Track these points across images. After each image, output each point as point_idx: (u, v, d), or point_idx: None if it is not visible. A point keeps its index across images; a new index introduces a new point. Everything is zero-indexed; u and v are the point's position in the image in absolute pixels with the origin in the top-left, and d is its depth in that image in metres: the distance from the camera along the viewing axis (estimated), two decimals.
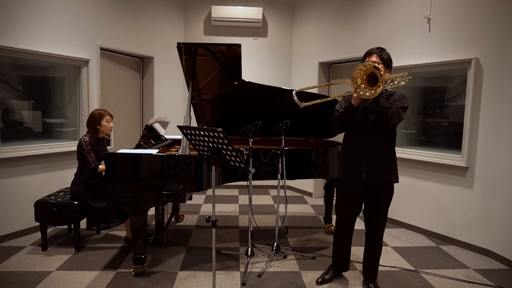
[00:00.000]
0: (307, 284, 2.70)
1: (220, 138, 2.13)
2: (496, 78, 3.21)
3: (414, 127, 4.16)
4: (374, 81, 2.13)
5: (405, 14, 3.94)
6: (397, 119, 2.25)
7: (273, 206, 4.89)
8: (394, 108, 2.24)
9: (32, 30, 3.53)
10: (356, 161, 2.40)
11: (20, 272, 2.82)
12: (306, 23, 5.41)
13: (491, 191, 3.27)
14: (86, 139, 3.15)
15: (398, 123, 2.29)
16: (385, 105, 2.23)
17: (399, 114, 2.25)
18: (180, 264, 3.01)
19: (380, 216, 2.47)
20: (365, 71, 2.13)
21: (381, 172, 2.37)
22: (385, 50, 2.39)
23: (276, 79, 5.63)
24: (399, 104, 2.29)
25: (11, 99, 3.65)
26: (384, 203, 2.45)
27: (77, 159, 3.21)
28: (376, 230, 2.50)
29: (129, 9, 4.71)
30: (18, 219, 3.54)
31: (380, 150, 2.37)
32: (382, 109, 2.24)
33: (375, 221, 2.48)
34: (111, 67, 4.71)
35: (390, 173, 2.39)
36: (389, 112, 2.22)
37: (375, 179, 2.37)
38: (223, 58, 3.02)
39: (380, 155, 2.37)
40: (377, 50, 2.37)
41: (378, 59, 2.34)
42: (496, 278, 2.87)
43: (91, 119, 3.22)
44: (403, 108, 2.29)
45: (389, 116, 2.23)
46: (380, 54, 2.35)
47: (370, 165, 2.36)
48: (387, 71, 2.38)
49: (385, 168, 2.37)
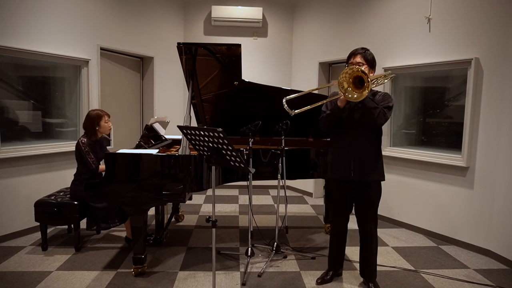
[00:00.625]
0: (307, 284, 2.70)
1: (220, 138, 2.13)
2: (496, 78, 3.21)
3: (414, 127, 4.16)
4: (360, 84, 2.17)
5: (405, 14, 3.94)
6: (383, 118, 2.30)
7: (273, 206, 4.89)
8: (380, 108, 2.29)
9: (32, 30, 3.53)
10: (344, 160, 2.45)
11: (20, 272, 2.82)
12: (306, 23, 5.41)
13: (491, 191, 3.27)
14: (84, 140, 3.12)
15: (384, 122, 2.34)
16: (371, 105, 2.28)
17: (385, 113, 2.30)
18: (180, 264, 3.01)
19: (370, 214, 2.51)
20: (350, 74, 2.17)
21: (368, 171, 2.42)
22: (369, 50, 2.43)
23: (276, 79, 5.63)
24: (384, 104, 2.34)
25: (11, 99, 3.65)
26: (373, 201, 2.49)
27: (76, 161, 3.20)
28: (368, 229, 2.53)
29: (129, 9, 4.71)
30: (18, 219, 3.54)
31: (366, 149, 2.43)
32: (368, 109, 2.29)
33: (366, 220, 2.52)
34: (111, 67, 4.71)
35: (377, 171, 2.45)
36: (376, 112, 2.28)
37: (362, 177, 2.42)
38: (223, 58, 3.02)
39: (367, 154, 2.43)
40: (361, 50, 2.40)
41: (362, 59, 2.38)
42: (496, 278, 2.87)
43: (88, 120, 3.16)
44: (388, 107, 2.34)
45: (376, 116, 2.29)
46: (364, 54, 2.39)
47: (358, 164, 2.41)
48: (372, 71, 2.43)
49: (372, 166, 2.43)
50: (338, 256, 2.74)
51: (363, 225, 2.54)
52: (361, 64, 2.35)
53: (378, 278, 2.70)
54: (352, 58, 2.41)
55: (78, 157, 3.16)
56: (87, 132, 3.19)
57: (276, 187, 3.28)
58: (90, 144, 3.15)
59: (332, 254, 2.75)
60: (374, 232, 2.54)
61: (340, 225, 2.66)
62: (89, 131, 3.18)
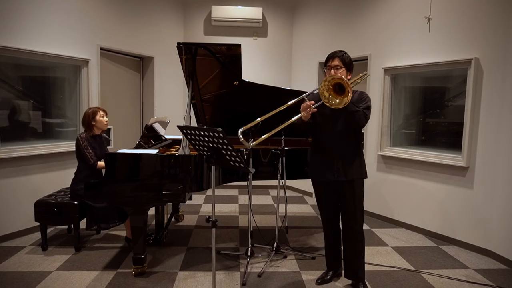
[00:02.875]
0: (307, 284, 2.70)
1: (220, 138, 2.13)
2: (496, 78, 3.21)
3: (414, 127, 4.16)
4: (341, 89, 2.22)
5: (405, 14, 3.94)
6: (364, 120, 2.36)
7: (273, 206, 4.89)
8: (361, 111, 2.34)
9: (32, 30, 3.53)
10: (327, 162, 2.48)
11: (20, 272, 2.82)
12: (306, 23, 5.41)
13: (491, 191, 3.27)
14: (83, 135, 3.16)
15: (365, 123, 2.41)
16: (353, 109, 2.32)
17: (365, 115, 2.36)
18: (180, 264, 3.01)
19: (357, 210, 2.51)
20: (330, 81, 2.22)
21: (351, 170, 2.45)
22: (346, 53, 2.47)
23: (276, 79, 5.63)
24: (363, 104, 2.38)
25: (11, 99, 3.65)
26: (357, 197, 2.50)
27: (76, 158, 3.21)
28: (354, 225, 2.52)
29: (129, 9, 4.71)
30: (18, 219, 3.54)
31: (347, 149, 2.46)
32: (350, 113, 2.33)
33: (353, 216, 2.51)
34: (111, 67, 4.71)
35: (359, 170, 2.48)
36: (357, 115, 2.33)
37: (346, 176, 2.45)
38: (223, 58, 3.02)
39: (348, 154, 2.46)
40: (339, 53, 2.44)
41: (340, 62, 2.42)
42: (496, 278, 2.87)
43: (85, 117, 3.22)
44: (367, 107, 2.39)
45: (358, 120, 2.34)
46: (342, 57, 2.43)
47: (341, 165, 2.45)
48: (349, 73, 2.47)
49: (354, 165, 2.46)
50: (335, 256, 2.74)
51: (349, 221, 2.54)
52: (338, 68, 2.40)
53: (379, 278, 2.71)
54: (330, 61, 2.45)
55: (77, 153, 3.18)
56: (85, 128, 3.23)
57: (276, 187, 3.29)
58: (88, 139, 3.17)
59: (329, 255, 2.74)
60: (360, 230, 2.54)
61: (332, 226, 2.66)
62: (86, 127, 3.22)
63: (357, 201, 2.50)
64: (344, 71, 2.42)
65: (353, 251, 2.55)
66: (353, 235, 2.54)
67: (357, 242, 2.53)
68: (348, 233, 2.56)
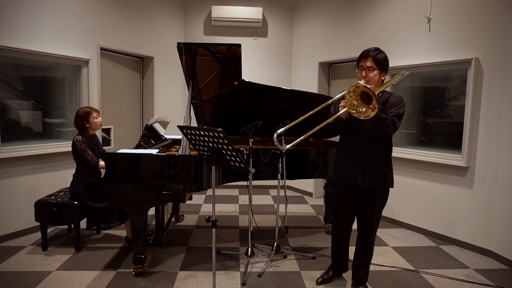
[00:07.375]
0: (307, 284, 2.70)
1: (220, 138, 2.13)
2: (496, 78, 3.21)
3: (414, 127, 4.16)
4: (368, 98, 2.04)
5: (405, 14, 3.94)
6: (392, 129, 2.18)
7: (273, 206, 4.89)
8: (390, 118, 2.16)
9: (32, 30, 3.53)
10: (352, 165, 2.37)
11: (20, 272, 2.82)
12: (306, 23, 5.41)
13: (491, 191, 3.27)
14: (79, 138, 3.12)
15: (393, 132, 2.23)
16: (381, 116, 2.14)
17: (394, 123, 2.18)
18: (180, 264, 3.01)
19: (375, 219, 2.43)
20: (355, 91, 2.05)
21: (376, 177, 2.33)
22: (381, 51, 2.26)
23: (276, 79, 5.63)
24: (394, 110, 2.22)
25: (11, 99, 3.65)
26: (378, 206, 2.41)
27: (74, 160, 3.19)
28: (369, 233, 2.46)
29: (129, 9, 4.71)
30: (18, 219, 3.54)
31: (376, 155, 2.31)
32: (378, 120, 2.14)
33: (369, 224, 2.44)
34: (111, 67, 4.71)
35: (385, 178, 2.35)
36: (385, 123, 2.16)
37: (369, 183, 2.33)
38: (223, 58, 3.02)
39: (376, 160, 2.31)
40: (373, 52, 2.24)
41: (373, 63, 2.22)
42: (496, 278, 2.87)
43: (77, 119, 3.16)
44: (398, 115, 2.21)
45: (385, 127, 2.17)
46: (375, 57, 2.23)
47: (365, 170, 2.31)
48: (383, 74, 2.28)
49: (380, 173, 2.33)
50: (341, 257, 2.70)
51: (365, 229, 2.46)
52: (371, 69, 2.22)
53: (379, 278, 2.71)
54: (362, 61, 2.26)
55: (75, 156, 3.15)
56: (78, 129, 3.19)
57: (276, 187, 3.29)
58: (85, 141, 3.14)
59: (335, 254, 2.70)
60: (373, 237, 2.50)
61: (345, 227, 2.59)
62: (79, 128, 3.18)
63: (375, 209, 2.39)
64: (377, 73, 2.22)
65: (365, 257, 2.51)
66: (366, 242, 2.48)
67: (369, 249, 2.49)
68: (362, 239, 2.51)
